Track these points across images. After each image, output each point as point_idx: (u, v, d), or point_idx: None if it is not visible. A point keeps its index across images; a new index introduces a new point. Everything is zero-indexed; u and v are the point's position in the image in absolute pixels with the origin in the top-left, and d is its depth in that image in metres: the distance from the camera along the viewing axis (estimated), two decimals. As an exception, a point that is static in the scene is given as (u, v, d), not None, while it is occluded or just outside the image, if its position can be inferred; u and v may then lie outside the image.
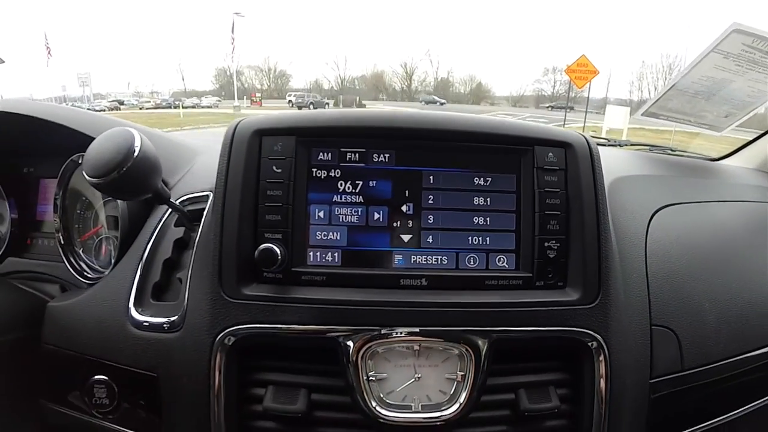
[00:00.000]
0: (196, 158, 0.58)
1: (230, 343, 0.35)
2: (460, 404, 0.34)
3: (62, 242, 0.56)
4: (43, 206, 0.63)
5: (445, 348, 0.35)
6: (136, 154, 0.37)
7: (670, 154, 0.82)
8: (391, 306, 0.35)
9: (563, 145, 0.39)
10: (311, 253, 0.37)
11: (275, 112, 0.38)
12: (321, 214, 0.37)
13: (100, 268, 0.56)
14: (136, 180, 0.38)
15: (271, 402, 0.35)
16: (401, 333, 0.34)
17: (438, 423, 0.34)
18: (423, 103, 24.68)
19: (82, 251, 0.58)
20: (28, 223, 0.63)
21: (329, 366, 0.36)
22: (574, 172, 0.38)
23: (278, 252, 0.34)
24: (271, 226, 0.36)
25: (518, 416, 0.37)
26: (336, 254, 0.37)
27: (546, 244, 0.37)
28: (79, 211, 0.59)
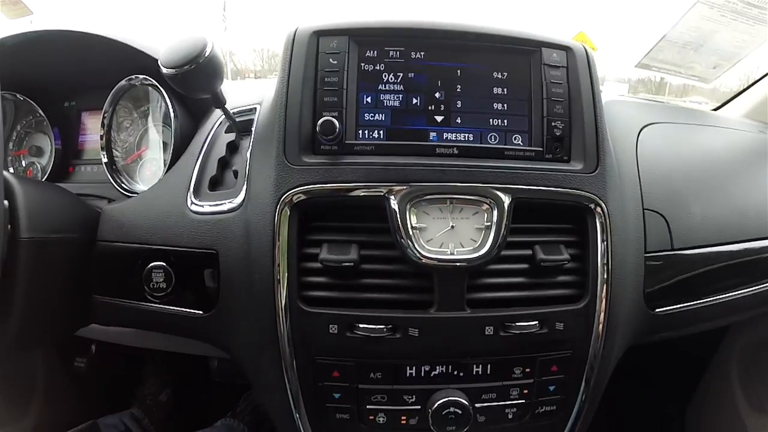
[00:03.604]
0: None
1: (296, 201, 0.46)
2: (488, 248, 0.46)
3: (106, 160, 0.66)
4: (83, 136, 0.74)
5: (474, 202, 0.47)
6: (208, 52, 0.48)
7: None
8: (429, 167, 0.47)
9: (565, 49, 0.52)
10: (360, 131, 0.48)
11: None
12: (368, 99, 0.49)
13: (145, 188, 0.67)
14: (205, 76, 0.49)
15: (327, 254, 0.46)
16: (439, 186, 0.46)
17: (469, 263, 0.45)
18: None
19: (126, 173, 0.69)
20: (70, 152, 0.73)
21: (377, 224, 0.47)
22: (573, 69, 0.51)
23: (336, 124, 0.46)
24: (328, 106, 0.48)
25: (535, 268, 0.48)
26: (381, 131, 0.49)
27: (553, 124, 0.49)
28: (123, 138, 0.70)
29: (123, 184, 0.66)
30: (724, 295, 0.61)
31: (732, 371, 0.90)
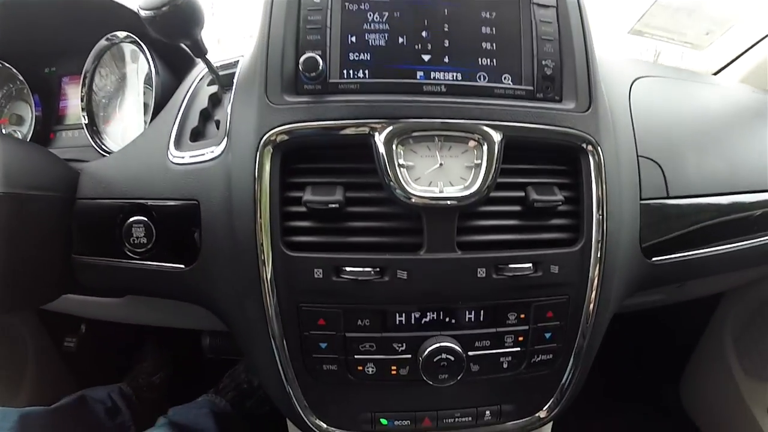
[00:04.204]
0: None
1: (279, 141, 0.45)
2: (477, 186, 0.44)
3: (86, 121, 0.65)
4: (64, 101, 0.72)
5: (463, 139, 0.45)
6: None
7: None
8: (416, 103, 0.45)
9: None
10: (345, 71, 0.47)
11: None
12: (353, 39, 0.48)
13: (126, 149, 0.65)
14: (183, 19, 0.48)
15: (310, 196, 0.44)
16: (426, 123, 0.45)
17: (459, 202, 0.44)
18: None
19: (107, 135, 0.67)
20: (51, 118, 0.72)
21: (362, 164, 0.45)
22: (563, 8, 0.50)
23: (319, 61, 0.44)
24: (311, 44, 0.46)
25: (528, 209, 0.47)
26: (367, 71, 0.47)
27: (543, 62, 0.48)
28: (104, 100, 0.68)
29: (104, 146, 0.65)
30: (720, 247, 0.60)
31: (726, 339, 0.90)
